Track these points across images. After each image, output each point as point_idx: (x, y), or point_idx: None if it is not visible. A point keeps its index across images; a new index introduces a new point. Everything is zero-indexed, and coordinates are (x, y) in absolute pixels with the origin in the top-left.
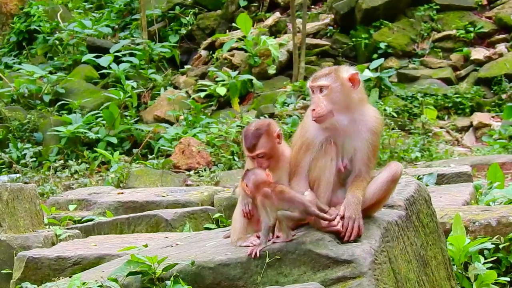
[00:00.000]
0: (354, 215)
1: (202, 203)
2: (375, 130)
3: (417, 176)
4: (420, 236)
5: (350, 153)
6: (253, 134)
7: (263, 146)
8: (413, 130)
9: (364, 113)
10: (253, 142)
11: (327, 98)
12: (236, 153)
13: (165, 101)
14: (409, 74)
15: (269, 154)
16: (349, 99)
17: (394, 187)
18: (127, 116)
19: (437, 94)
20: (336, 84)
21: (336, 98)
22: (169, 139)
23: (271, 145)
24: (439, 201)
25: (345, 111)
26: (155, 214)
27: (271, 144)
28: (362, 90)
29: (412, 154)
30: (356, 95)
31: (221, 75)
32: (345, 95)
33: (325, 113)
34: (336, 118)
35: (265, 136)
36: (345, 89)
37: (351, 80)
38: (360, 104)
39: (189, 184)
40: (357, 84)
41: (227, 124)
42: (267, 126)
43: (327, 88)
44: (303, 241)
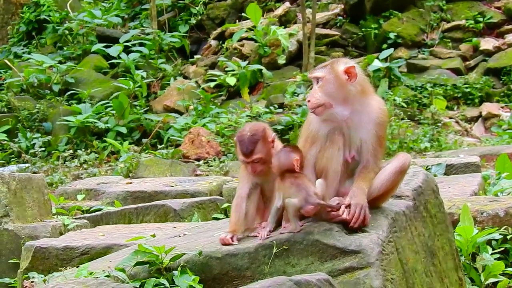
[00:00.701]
0: (361, 202)
1: (211, 193)
2: (378, 121)
3: (425, 167)
4: (427, 226)
5: (356, 145)
6: (249, 140)
7: (260, 151)
8: (423, 120)
9: (367, 104)
10: (250, 147)
11: (322, 89)
12: None
13: (175, 91)
14: (418, 64)
15: (264, 159)
16: (345, 91)
17: (402, 178)
18: (137, 106)
19: (447, 84)
20: (331, 76)
21: (330, 90)
22: (178, 129)
23: (267, 150)
24: (447, 191)
25: (343, 103)
26: (163, 204)
27: (267, 149)
28: (362, 82)
29: (421, 145)
30: (353, 87)
31: (231, 65)
32: (340, 87)
33: (320, 104)
34: (335, 109)
35: (262, 142)
36: (339, 81)
37: (347, 73)
38: (361, 96)
39: (199, 174)
40: (353, 77)
41: (237, 114)
42: (262, 131)
43: (322, 80)
44: (311, 231)
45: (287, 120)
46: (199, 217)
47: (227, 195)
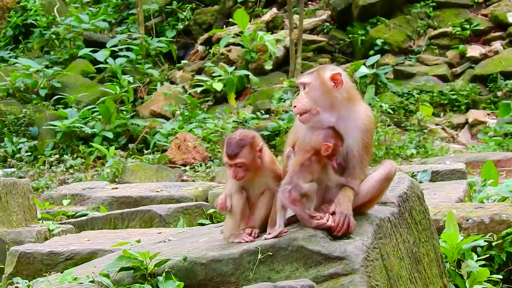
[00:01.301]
0: (345, 210)
1: (196, 198)
2: (365, 128)
3: (411, 173)
4: (412, 233)
5: (343, 151)
6: (237, 143)
7: (244, 157)
8: (409, 127)
9: (354, 111)
10: (235, 150)
11: (308, 95)
12: None
13: (162, 96)
14: (405, 71)
15: (247, 166)
16: (331, 98)
17: (388, 185)
18: (123, 111)
19: (433, 91)
20: (317, 83)
21: (316, 96)
22: (165, 134)
23: (252, 158)
24: (432, 198)
25: (330, 109)
26: (149, 210)
27: (252, 157)
28: (349, 89)
29: (407, 151)
30: (339, 94)
31: (217, 71)
32: (326, 93)
33: (306, 110)
34: (322, 116)
35: (249, 148)
36: (325, 88)
37: (333, 79)
38: (347, 103)
39: (185, 179)
40: (339, 83)
41: (223, 120)
42: (251, 138)
43: (308, 86)
44: (296, 238)
45: (274, 126)
46: (185, 223)
47: (212, 201)
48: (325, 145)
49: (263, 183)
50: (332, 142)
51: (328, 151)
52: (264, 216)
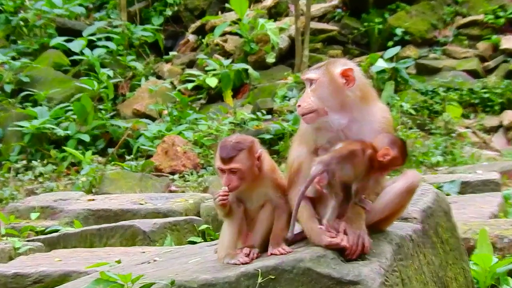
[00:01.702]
0: (358, 229)
1: (186, 212)
2: (382, 132)
3: (437, 184)
4: (438, 254)
5: None
6: (233, 146)
7: (241, 162)
8: (434, 130)
9: (369, 112)
10: (231, 153)
11: (315, 93)
12: None
13: (146, 93)
14: (429, 65)
15: (243, 173)
16: (341, 96)
17: (410, 200)
18: (102, 110)
19: (462, 88)
20: (325, 79)
21: (324, 94)
22: (150, 137)
23: (249, 165)
24: (462, 213)
25: (340, 110)
26: (131, 225)
27: (250, 164)
28: (363, 87)
29: (432, 158)
30: (351, 92)
31: (211, 64)
32: (336, 92)
33: (312, 110)
34: (330, 117)
35: (246, 153)
36: (335, 86)
37: (344, 76)
38: (361, 102)
39: (173, 190)
40: (351, 81)
41: (218, 121)
42: (250, 142)
43: (315, 82)
44: (302, 258)
45: (277, 129)
46: (173, 241)
47: (205, 215)
48: (386, 149)
49: (263, 194)
50: (395, 153)
51: (384, 158)
52: (265, 233)
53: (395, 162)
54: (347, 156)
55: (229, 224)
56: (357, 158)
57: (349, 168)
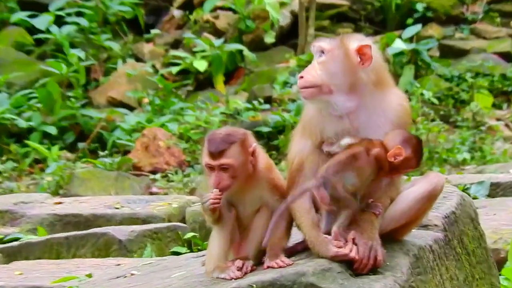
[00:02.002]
0: (370, 240)
1: (169, 218)
2: (398, 122)
3: (462, 186)
4: (463, 267)
5: None
6: (223, 139)
7: (232, 157)
8: (460, 122)
9: (383, 99)
10: (221, 147)
11: (324, 66)
12: None
13: (124, 78)
14: (455, 46)
15: (235, 170)
16: (353, 76)
17: (431, 206)
18: (71, 98)
19: (493, 74)
20: (339, 52)
21: (334, 70)
22: (127, 130)
23: (242, 161)
24: (491, 219)
25: (349, 91)
26: (104, 233)
27: (243, 159)
28: (379, 69)
29: (458, 155)
30: (365, 74)
31: (200, 44)
32: (348, 70)
33: (315, 84)
34: (334, 98)
35: (238, 147)
36: (349, 62)
37: (359, 53)
38: (375, 87)
39: (154, 192)
40: (367, 59)
41: (208, 111)
42: (242, 135)
43: (327, 53)
44: (304, 272)
45: (276, 120)
46: (153, 251)
47: (192, 222)
48: (398, 149)
49: (258, 198)
50: (408, 154)
51: (396, 158)
52: (261, 242)
53: (408, 163)
54: (347, 162)
55: (219, 232)
56: (359, 161)
57: (353, 176)
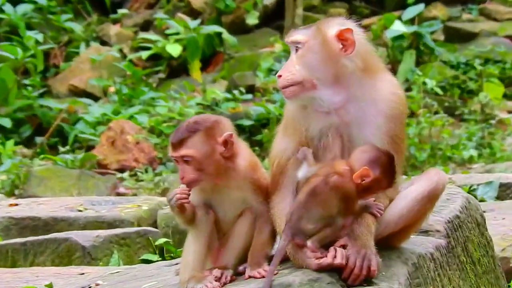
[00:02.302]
0: (363, 248)
1: (139, 222)
2: (391, 113)
3: (468, 187)
4: (468, 277)
5: None
6: (186, 128)
7: (193, 147)
8: (467, 115)
9: (373, 88)
10: (181, 136)
11: (302, 60)
12: None
13: (87, 64)
14: (462, 29)
15: (199, 163)
16: (336, 66)
17: (432, 208)
18: (28, 86)
19: (505, 60)
20: (316, 42)
21: (314, 62)
22: (91, 122)
23: (207, 152)
24: (500, 225)
25: (334, 84)
26: (66, 238)
27: (207, 151)
28: (365, 55)
29: (464, 152)
30: (350, 62)
31: (174, 26)
32: (329, 59)
33: (296, 81)
34: (319, 93)
35: (203, 135)
36: (328, 51)
37: (340, 39)
38: (363, 75)
39: (122, 192)
40: (350, 45)
41: (182, 101)
42: (211, 122)
43: (303, 46)
44: (290, 283)
45: (259, 112)
46: (121, 259)
47: (164, 226)
48: (365, 170)
49: (240, 200)
50: (377, 173)
51: (363, 180)
52: (242, 250)
53: (379, 184)
54: (308, 201)
55: (195, 238)
56: (319, 196)
57: (318, 212)
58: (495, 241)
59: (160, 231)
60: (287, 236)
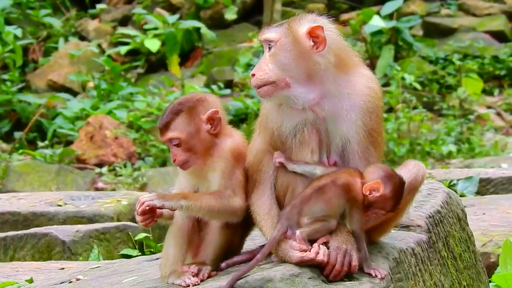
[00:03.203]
0: (344, 244)
1: (118, 217)
2: (367, 108)
3: (448, 182)
4: (449, 272)
5: (339, 144)
6: (170, 110)
7: (178, 129)
8: (446, 110)
9: (348, 83)
10: (166, 120)
11: (274, 59)
12: None
13: (66, 59)
14: (441, 24)
15: (187, 143)
16: (308, 63)
17: (412, 199)
18: (6, 81)
19: (484, 55)
20: (287, 40)
21: (286, 61)
22: (70, 117)
23: (191, 131)
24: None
25: (307, 81)
26: (46, 233)
27: (193, 130)
28: (338, 51)
29: (443, 148)
30: (322, 58)
31: (152, 21)
32: (301, 57)
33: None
34: (293, 91)
35: (186, 116)
36: (300, 49)
37: (312, 36)
38: (337, 71)
39: (101, 187)
40: (321, 42)
41: (161, 96)
42: (194, 102)
43: (275, 44)
44: (271, 278)
45: (238, 107)
46: (101, 254)
47: None
48: (377, 183)
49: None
50: (387, 191)
51: (372, 193)
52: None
53: (384, 203)
54: (314, 197)
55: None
56: (326, 194)
57: (320, 208)
58: (476, 236)
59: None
60: (282, 226)
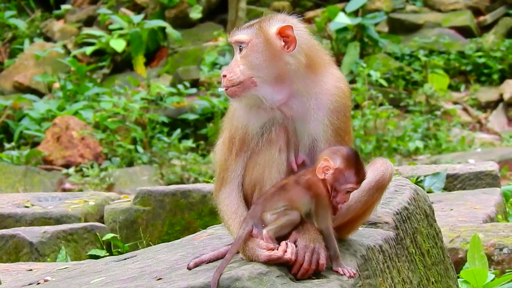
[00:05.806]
0: (312, 242)
1: (86, 217)
2: (334, 107)
3: (415, 178)
4: (417, 269)
5: (306, 143)
6: None
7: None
8: (412, 106)
9: (317, 83)
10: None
11: (246, 60)
12: (140, 140)
13: (31, 60)
14: (406, 20)
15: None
16: (279, 64)
17: (380, 198)
18: None
19: (449, 51)
20: (258, 41)
21: (258, 61)
22: (37, 119)
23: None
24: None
25: (277, 81)
26: (13, 235)
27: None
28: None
29: (410, 144)
30: (293, 59)
31: (117, 21)
32: (272, 58)
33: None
34: (260, 90)
35: None
36: (271, 50)
37: (282, 36)
38: (307, 71)
39: (68, 188)
40: (291, 42)
41: (127, 96)
42: None
43: (246, 46)
44: (239, 277)
45: (204, 106)
46: (68, 255)
47: (111, 221)
48: (325, 160)
49: None
50: (338, 164)
51: (324, 173)
52: None
53: (343, 177)
54: (276, 194)
55: None
56: (289, 192)
57: (283, 205)
58: (444, 232)
59: (107, 227)
60: (247, 225)
